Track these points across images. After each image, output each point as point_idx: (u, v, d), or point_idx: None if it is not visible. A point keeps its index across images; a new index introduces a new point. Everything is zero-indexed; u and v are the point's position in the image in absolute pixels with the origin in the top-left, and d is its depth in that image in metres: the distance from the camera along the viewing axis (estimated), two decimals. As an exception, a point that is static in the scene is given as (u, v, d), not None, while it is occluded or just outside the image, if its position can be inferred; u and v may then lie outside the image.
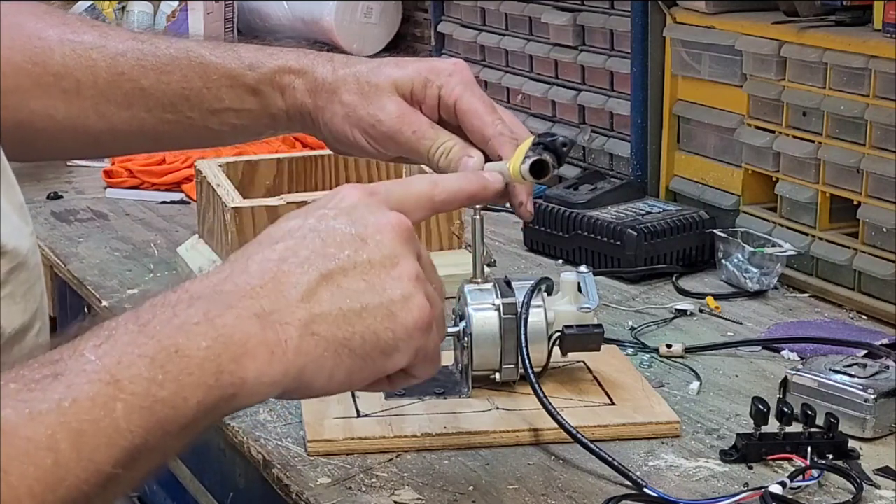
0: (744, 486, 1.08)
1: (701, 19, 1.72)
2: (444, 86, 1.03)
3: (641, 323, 1.48)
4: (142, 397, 0.66)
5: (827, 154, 1.54)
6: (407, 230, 0.80)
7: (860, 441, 1.16)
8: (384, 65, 1.05)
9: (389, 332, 0.77)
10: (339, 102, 1.03)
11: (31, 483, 0.62)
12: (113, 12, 2.45)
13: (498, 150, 1.01)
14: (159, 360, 0.68)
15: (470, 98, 1.03)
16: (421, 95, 1.04)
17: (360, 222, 0.79)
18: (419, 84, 1.03)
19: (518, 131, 1.02)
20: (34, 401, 0.63)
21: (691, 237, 1.68)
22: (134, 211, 1.99)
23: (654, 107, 1.81)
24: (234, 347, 0.70)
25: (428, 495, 1.07)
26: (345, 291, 0.76)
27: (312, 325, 0.74)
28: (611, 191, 1.77)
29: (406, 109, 1.03)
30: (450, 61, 1.06)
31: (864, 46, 1.47)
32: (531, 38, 2.08)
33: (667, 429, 1.18)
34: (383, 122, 1.03)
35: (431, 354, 0.82)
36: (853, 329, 1.46)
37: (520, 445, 1.16)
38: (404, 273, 0.78)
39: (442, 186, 0.87)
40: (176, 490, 1.57)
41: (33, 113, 1.01)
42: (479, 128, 1.02)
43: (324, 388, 0.77)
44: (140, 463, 0.67)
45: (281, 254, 0.76)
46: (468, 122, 1.02)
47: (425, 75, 1.04)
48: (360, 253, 0.77)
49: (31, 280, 0.90)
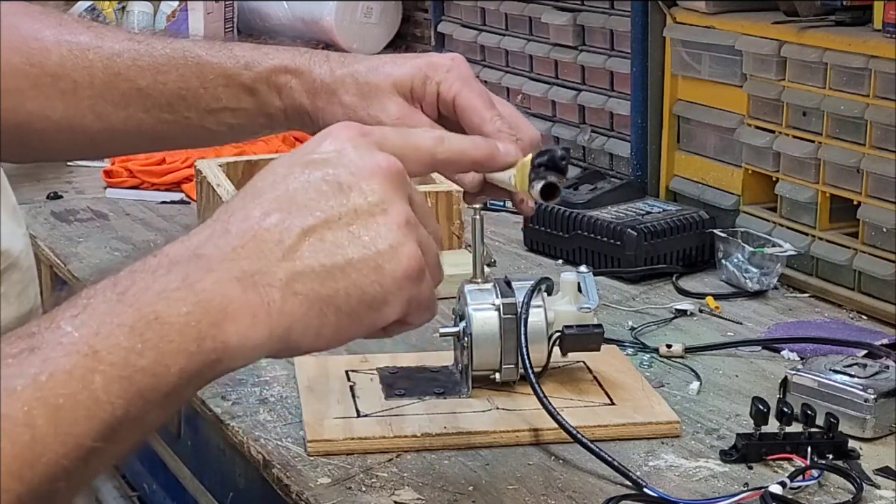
0: (744, 486, 1.08)
1: (701, 19, 1.72)
2: (443, 82, 1.02)
3: (641, 323, 1.48)
4: (121, 367, 0.65)
5: (827, 154, 1.54)
6: (397, 173, 0.77)
7: (860, 441, 1.16)
8: (382, 64, 1.03)
9: (376, 285, 0.74)
10: (338, 104, 1.02)
11: (9, 460, 0.61)
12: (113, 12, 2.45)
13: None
14: (138, 328, 0.66)
15: (468, 94, 1.01)
16: (420, 93, 1.02)
17: (347, 168, 0.76)
18: (418, 81, 1.02)
19: (518, 124, 1.01)
20: (10, 377, 0.63)
21: (691, 237, 1.68)
22: (134, 211, 1.99)
23: (654, 107, 1.81)
24: (215, 312, 0.69)
25: (428, 495, 1.07)
26: (328, 246, 0.73)
27: (295, 284, 0.72)
28: (611, 191, 1.77)
29: (407, 110, 1.02)
30: (447, 56, 1.04)
31: (864, 46, 1.47)
32: (531, 38, 2.08)
33: (667, 429, 1.18)
34: (384, 124, 1.00)
35: (426, 302, 0.79)
36: (853, 329, 1.46)
37: (520, 445, 1.16)
38: (392, 220, 0.75)
39: (447, 145, 0.84)
40: (176, 490, 1.57)
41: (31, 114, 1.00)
42: (477, 125, 1.00)
43: (312, 346, 0.75)
44: (122, 435, 0.66)
45: (263, 209, 0.74)
46: (467, 119, 1.01)
47: (424, 72, 1.02)
48: (345, 202, 0.74)
49: (24, 281, 0.89)
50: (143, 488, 1.74)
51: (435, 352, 1.31)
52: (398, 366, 1.29)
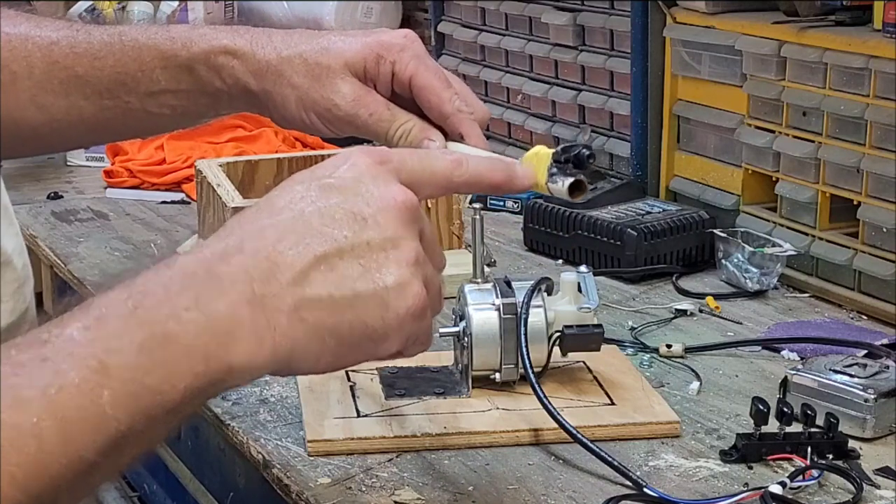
0: (744, 486, 1.08)
1: (701, 19, 1.72)
2: (397, 61, 1.00)
3: (641, 323, 1.48)
4: (129, 384, 0.65)
5: (827, 154, 1.54)
6: (411, 209, 0.77)
7: (860, 441, 1.16)
8: (331, 43, 1.01)
9: (380, 320, 0.75)
10: (288, 85, 1.00)
11: (14, 469, 0.61)
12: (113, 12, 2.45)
13: (457, 127, 0.99)
14: (148, 346, 0.67)
15: (425, 73, 0.99)
16: (374, 72, 1.00)
17: (363, 198, 0.76)
18: (371, 61, 1.00)
19: (472, 102, 1.00)
20: (20, 386, 0.63)
21: (691, 237, 1.68)
22: (134, 211, 1.99)
23: (654, 107, 1.81)
24: (224, 335, 0.70)
25: (428, 495, 1.07)
26: (338, 276, 0.74)
27: (302, 311, 0.73)
28: (611, 191, 1.77)
29: (361, 91, 0.99)
30: (400, 33, 1.02)
31: (864, 46, 1.47)
32: (531, 38, 2.08)
33: (667, 429, 1.18)
34: (339, 107, 0.99)
35: (423, 338, 0.80)
36: (853, 329, 1.46)
37: (520, 445, 1.16)
38: (403, 258, 0.76)
39: (465, 169, 0.84)
40: (176, 490, 1.57)
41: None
42: (436, 105, 0.99)
43: (310, 370, 0.76)
44: (124, 450, 0.66)
45: (278, 231, 0.74)
46: (424, 99, 0.99)
47: (377, 51, 1.00)
48: (359, 234, 0.75)
49: (19, 280, 0.89)
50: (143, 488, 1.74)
51: (435, 352, 1.31)
52: (398, 366, 1.29)
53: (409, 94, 1.00)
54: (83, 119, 1.02)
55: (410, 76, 0.99)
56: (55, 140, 1.05)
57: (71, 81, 1.00)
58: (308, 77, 0.99)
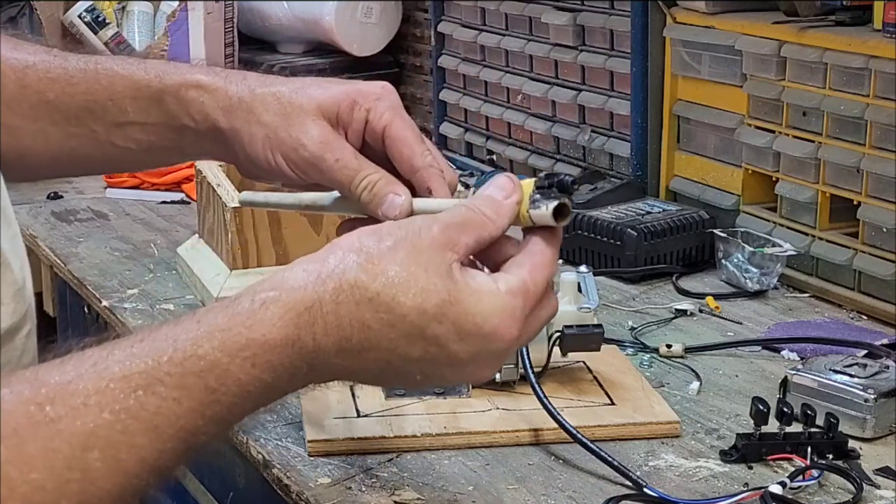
0: (744, 486, 1.08)
1: (701, 19, 1.72)
2: (372, 109, 0.98)
3: (641, 323, 1.48)
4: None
5: (827, 154, 1.54)
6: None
7: (860, 441, 1.16)
8: (307, 85, 0.99)
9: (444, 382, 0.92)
10: (257, 123, 0.97)
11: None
12: (113, 12, 2.45)
13: (427, 182, 0.96)
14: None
15: (400, 125, 0.98)
16: (347, 119, 0.98)
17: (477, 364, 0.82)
18: (345, 107, 0.97)
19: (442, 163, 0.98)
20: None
21: (691, 237, 1.68)
22: (134, 211, 1.99)
23: (654, 107, 1.81)
24: None
25: (428, 495, 1.07)
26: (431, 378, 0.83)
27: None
28: (611, 191, 1.77)
29: (330, 135, 0.97)
30: (377, 84, 1.00)
31: (864, 46, 1.47)
32: (531, 38, 2.08)
33: (667, 429, 1.18)
34: (306, 147, 0.96)
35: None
36: (853, 329, 1.46)
37: (520, 445, 1.16)
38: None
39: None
40: (176, 490, 1.56)
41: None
42: (408, 157, 0.96)
43: None
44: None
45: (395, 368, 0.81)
46: (396, 151, 0.97)
47: (353, 97, 0.98)
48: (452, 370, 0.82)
49: (17, 283, 0.89)
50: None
51: (435, 352, 1.31)
52: (398, 366, 1.29)
53: (380, 145, 0.98)
54: (48, 146, 1.00)
55: (385, 126, 0.97)
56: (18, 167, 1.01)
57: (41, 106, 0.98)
58: (278, 115, 0.97)
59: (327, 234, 1.53)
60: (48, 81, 0.99)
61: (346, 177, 0.96)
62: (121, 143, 1.00)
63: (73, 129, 0.99)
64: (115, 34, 2.41)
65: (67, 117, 0.99)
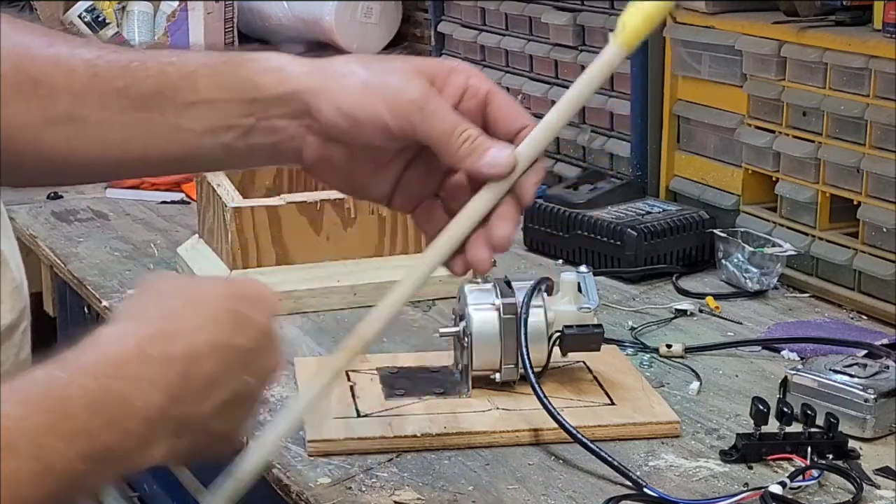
0: (744, 486, 1.08)
1: (701, 19, 1.72)
2: (471, 76, 0.96)
3: (641, 323, 1.48)
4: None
5: (827, 154, 1.54)
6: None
7: (860, 441, 1.16)
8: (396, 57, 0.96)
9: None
10: (350, 75, 0.93)
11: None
12: (113, 12, 2.45)
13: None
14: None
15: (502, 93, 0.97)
16: (443, 82, 0.94)
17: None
18: (443, 72, 0.95)
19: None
20: None
21: (691, 237, 1.68)
22: (134, 211, 1.99)
23: (654, 107, 1.81)
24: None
25: (428, 495, 1.07)
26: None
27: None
28: (611, 191, 1.77)
29: (430, 88, 0.93)
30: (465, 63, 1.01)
31: (864, 46, 1.47)
32: (531, 38, 2.08)
33: (667, 429, 1.18)
34: (410, 90, 0.92)
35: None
36: (853, 329, 1.46)
37: (520, 445, 1.16)
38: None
39: None
40: (176, 490, 1.57)
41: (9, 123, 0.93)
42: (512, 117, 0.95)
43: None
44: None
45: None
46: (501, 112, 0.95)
47: (450, 66, 0.96)
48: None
49: (15, 281, 0.89)
50: (143, 488, 1.74)
51: (435, 352, 1.31)
52: (398, 366, 1.29)
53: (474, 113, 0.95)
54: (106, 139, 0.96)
55: (487, 91, 0.95)
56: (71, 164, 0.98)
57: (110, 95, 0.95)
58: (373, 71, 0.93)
59: (327, 234, 1.53)
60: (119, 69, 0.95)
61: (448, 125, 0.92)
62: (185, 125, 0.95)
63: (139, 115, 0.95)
64: (115, 34, 2.41)
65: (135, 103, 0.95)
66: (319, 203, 1.52)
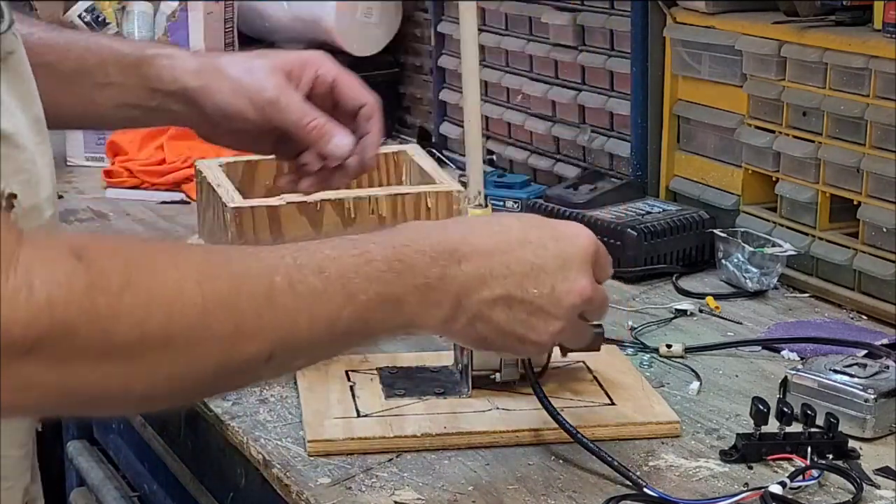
0: (744, 486, 1.08)
1: (701, 19, 1.72)
2: (321, 67, 1.25)
3: (641, 323, 1.48)
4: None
5: (827, 154, 1.54)
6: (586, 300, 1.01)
7: (860, 441, 1.16)
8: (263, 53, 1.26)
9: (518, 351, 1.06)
10: (225, 78, 1.23)
11: None
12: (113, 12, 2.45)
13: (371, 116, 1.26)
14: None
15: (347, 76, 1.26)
16: (298, 75, 1.24)
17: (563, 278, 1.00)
18: (297, 66, 1.24)
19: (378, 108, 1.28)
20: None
21: (691, 237, 1.68)
22: (134, 211, 1.99)
23: (654, 107, 1.81)
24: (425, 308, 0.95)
25: (428, 495, 1.07)
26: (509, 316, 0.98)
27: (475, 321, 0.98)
28: (611, 191, 1.77)
29: (285, 84, 1.23)
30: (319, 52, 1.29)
31: (864, 46, 1.47)
32: (531, 38, 2.08)
33: (667, 429, 1.18)
34: (267, 90, 1.22)
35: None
36: (853, 329, 1.46)
37: (520, 445, 1.16)
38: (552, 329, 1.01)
39: None
40: (176, 490, 1.57)
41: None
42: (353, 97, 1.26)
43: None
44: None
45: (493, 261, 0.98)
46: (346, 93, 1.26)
47: (303, 59, 1.26)
48: (542, 299, 0.99)
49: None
50: (143, 488, 1.74)
51: (435, 352, 1.31)
52: (398, 366, 1.29)
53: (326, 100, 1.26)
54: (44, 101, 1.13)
55: (334, 77, 1.26)
56: None
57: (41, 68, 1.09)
58: (242, 70, 1.23)
59: (327, 234, 1.53)
60: (49, 48, 1.20)
61: (297, 116, 1.22)
62: (99, 101, 1.23)
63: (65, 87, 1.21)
64: (115, 34, 2.41)
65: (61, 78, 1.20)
66: (319, 203, 1.52)
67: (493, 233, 1.00)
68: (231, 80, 1.23)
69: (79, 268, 0.74)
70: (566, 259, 1.01)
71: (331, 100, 1.26)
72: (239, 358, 0.83)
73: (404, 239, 0.94)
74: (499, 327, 0.99)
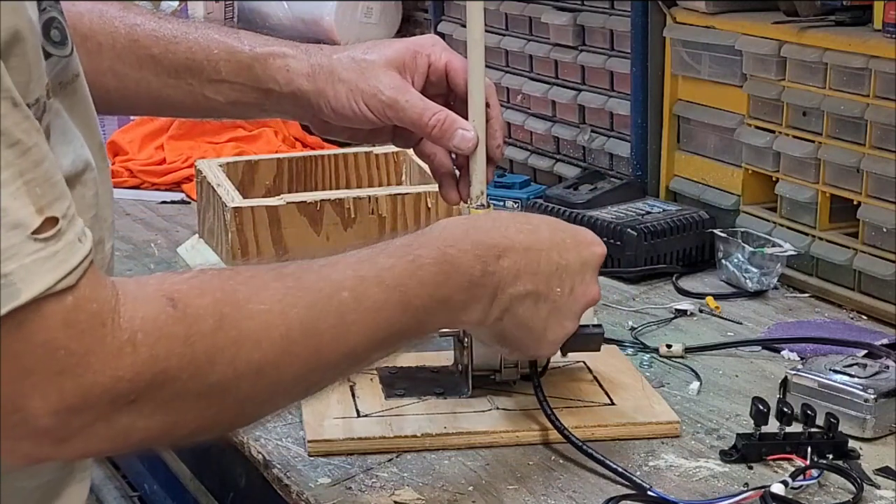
0: (744, 486, 1.08)
1: (701, 19, 1.72)
2: (432, 54, 1.20)
3: (641, 323, 1.48)
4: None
5: (827, 154, 1.54)
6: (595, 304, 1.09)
7: (860, 441, 1.16)
8: (374, 45, 1.21)
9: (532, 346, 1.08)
10: (339, 81, 1.18)
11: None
12: (113, 12, 2.45)
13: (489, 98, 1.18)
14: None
15: (458, 59, 1.20)
16: (412, 66, 1.20)
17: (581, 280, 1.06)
18: (409, 57, 1.19)
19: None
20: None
21: (691, 237, 1.68)
22: (134, 211, 1.99)
23: (654, 107, 1.81)
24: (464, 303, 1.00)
25: (428, 495, 1.07)
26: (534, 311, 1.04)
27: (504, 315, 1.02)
28: (611, 191, 1.77)
29: (400, 82, 1.19)
30: (427, 36, 1.24)
31: (864, 46, 1.47)
32: (531, 38, 2.08)
33: (667, 429, 1.18)
34: (383, 92, 1.18)
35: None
36: (853, 329, 1.46)
37: (520, 445, 1.16)
38: (566, 330, 1.07)
39: None
40: (176, 490, 1.57)
41: None
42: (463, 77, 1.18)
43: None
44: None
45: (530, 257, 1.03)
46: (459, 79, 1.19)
47: (413, 48, 1.20)
48: (562, 300, 1.05)
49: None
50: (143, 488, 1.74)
51: (435, 352, 1.31)
52: (398, 366, 1.29)
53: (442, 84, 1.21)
54: (149, 92, 1.20)
55: (446, 62, 1.20)
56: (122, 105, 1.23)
57: (146, 59, 1.19)
58: (356, 72, 1.19)
59: (327, 234, 1.53)
60: (154, 39, 1.19)
61: (416, 114, 1.18)
62: (211, 96, 1.21)
63: (171, 81, 1.20)
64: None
65: (168, 71, 1.20)
66: (319, 203, 1.52)
67: (526, 230, 1.05)
68: (345, 83, 1.19)
69: (174, 316, 0.78)
70: (584, 263, 1.07)
71: (445, 85, 1.22)
72: (316, 378, 0.89)
73: (449, 240, 0.99)
74: (522, 322, 1.03)
